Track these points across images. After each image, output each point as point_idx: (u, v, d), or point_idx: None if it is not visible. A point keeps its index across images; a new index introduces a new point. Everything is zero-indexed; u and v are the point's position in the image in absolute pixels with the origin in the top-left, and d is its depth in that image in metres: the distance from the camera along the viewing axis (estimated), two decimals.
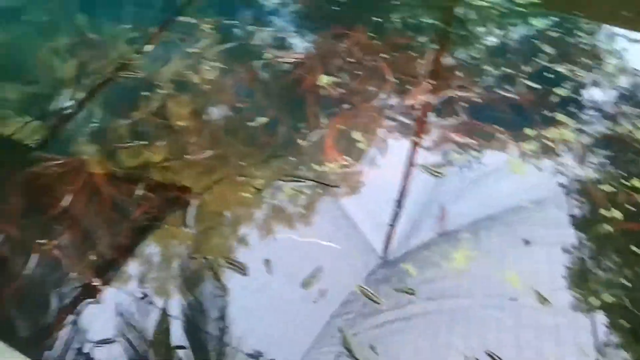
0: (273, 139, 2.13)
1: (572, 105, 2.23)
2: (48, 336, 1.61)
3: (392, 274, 1.78)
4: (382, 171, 2.03)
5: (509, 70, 2.36)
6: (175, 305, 1.70)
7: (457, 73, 2.36)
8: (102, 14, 2.77)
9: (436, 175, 2.02)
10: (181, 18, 2.70)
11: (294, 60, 2.39)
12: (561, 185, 1.97)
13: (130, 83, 2.35)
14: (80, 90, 2.36)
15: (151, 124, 2.19)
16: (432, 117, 2.20)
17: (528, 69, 2.36)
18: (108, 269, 1.77)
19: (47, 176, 1.98)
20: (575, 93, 2.27)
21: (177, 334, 1.64)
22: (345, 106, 2.23)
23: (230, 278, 1.74)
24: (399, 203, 1.95)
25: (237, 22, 2.64)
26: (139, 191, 1.93)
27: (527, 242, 1.83)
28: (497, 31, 2.60)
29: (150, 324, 1.65)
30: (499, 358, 1.58)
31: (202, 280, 1.76)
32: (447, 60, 2.43)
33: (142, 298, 1.71)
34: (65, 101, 2.31)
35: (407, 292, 1.71)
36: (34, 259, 1.76)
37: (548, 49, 2.45)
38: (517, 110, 2.21)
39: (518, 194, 1.96)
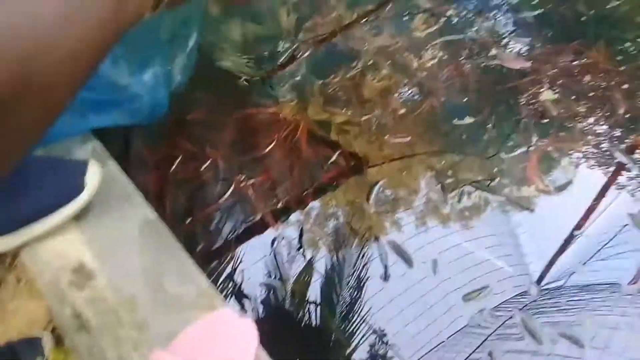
0: (474, 142, 2.06)
1: None
2: (217, 257, 1.74)
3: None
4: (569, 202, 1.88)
5: None
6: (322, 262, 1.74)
7: None
8: None
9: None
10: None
11: (520, 67, 2.25)
12: None
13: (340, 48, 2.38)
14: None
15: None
16: None
17: None
18: (281, 215, 1.86)
19: (258, 121, 2.12)
20: None
21: (315, 290, 1.69)
22: (562, 130, 2.07)
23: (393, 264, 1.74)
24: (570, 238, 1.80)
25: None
26: (333, 157, 2.00)
27: None
28: None
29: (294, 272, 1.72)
30: None
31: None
32: None
33: (298, 249, 1.76)
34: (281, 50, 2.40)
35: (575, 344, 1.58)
36: (229, 190, 1.91)
37: None
38: None
39: None
